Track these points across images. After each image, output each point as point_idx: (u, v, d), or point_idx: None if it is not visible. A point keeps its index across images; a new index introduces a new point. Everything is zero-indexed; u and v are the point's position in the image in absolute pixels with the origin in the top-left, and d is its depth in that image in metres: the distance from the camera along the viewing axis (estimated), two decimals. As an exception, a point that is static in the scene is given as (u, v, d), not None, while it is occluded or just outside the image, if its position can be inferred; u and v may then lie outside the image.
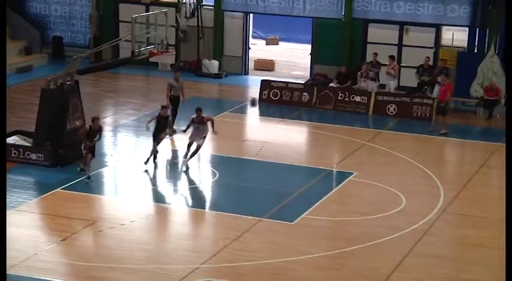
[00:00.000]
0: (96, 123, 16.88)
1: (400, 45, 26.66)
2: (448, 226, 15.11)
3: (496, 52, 24.85)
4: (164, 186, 17.13)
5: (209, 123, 17.66)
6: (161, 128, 17.75)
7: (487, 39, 25.37)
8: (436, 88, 23.30)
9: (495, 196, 16.88)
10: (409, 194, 16.34)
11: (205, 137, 17.69)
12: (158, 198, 16.36)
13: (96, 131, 16.90)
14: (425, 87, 24.49)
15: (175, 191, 16.77)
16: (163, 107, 18.18)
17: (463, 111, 24.02)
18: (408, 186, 16.91)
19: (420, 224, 14.72)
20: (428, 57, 25.00)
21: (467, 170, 18.51)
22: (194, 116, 17.55)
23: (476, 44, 25.61)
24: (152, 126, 17.80)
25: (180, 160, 18.16)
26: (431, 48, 26.30)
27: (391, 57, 25.14)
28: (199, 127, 17.55)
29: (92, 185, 16.31)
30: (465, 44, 25.95)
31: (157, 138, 17.72)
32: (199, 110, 17.70)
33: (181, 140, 18.77)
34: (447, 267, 12.98)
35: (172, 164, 18.30)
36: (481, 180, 17.91)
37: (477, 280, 12.40)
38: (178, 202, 16.30)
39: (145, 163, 17.53)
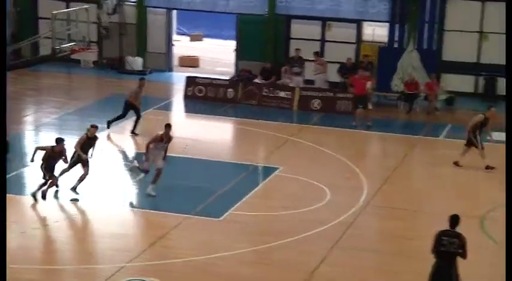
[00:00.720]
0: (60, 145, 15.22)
1: (322, 40, 26.99)
2: (372, 218, 15.40)
3: (415, 47, 25.47)
4: (88, 185, 16.86)
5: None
6: (87, 148, 15.74)
7: (406, 35, 25.94)
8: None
9: (417, 188, 17.32)
10: (333, 187, 16.57)
11: (164, 158, 15.69)
12: (83, 197, 16.10)
13: (60, 154, 15.31)
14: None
15: (100, 190, 16.53)
16: (92, 127, 16.02)
17: (384, 105, 24.49)
18: (333, 180, 17.15)
19: (345, 217, 14.95)
20: (350, 58, 25.43)
21: (390, 163, 18.90)
22: (161, 132, 15.62)
23: (396, 39, 26.14)
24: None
25: (102, 158, 17.90)
26: (353, 43, 26.73)
27: (316, 53, 25.46)
28: (163, 146, 15.58)
29: (12, 186, 15.92)
30: (386, 39, 26.46)
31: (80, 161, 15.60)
32: (169, 126, 15.65)
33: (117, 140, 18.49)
34: (372, 259, 13.23)
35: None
36: (403, 173, 18.31)
37: (400, 271, 12.68)
38: (104, 201, 16.08)
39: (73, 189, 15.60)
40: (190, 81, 24.78)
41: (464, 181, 17.49)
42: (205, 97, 24.38)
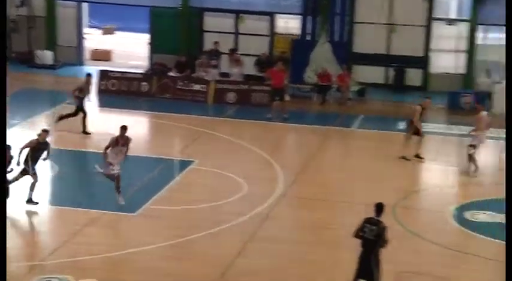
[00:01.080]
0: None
1: (236, 33, 27.04)
2: (288, 209, 15.54)
3: (328, 39, 25.83)
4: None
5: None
6: (39, 154, 14.69)
7: (318, 27, 26.27)
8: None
9: (331, 178, 17.57)
10: (250, 179, 16.63)
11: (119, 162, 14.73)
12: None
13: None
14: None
15: (11, 186, 16.03)
16: (43, 131, 14.98)
17: (298, 97, 24.74)
18: (249, 172, 17.21)
19: (261, 208, 15.03)
20: (264, 53, 25.58)
21: (305, 154, 19.12)
22: (117, 135, 14.85)
23: (309, 31, 26.44)
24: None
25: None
26: (267, 36, 26.89)
27: (232, 50, 25.52)
28: (121, 150, 14.74)
29: None
30: (298, 32, 26.73)
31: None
32: (124, 128, 14.82)
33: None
34: (289, 250, 13.35)
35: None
36: (317, 163, 18.56)
37: (316, 260, 12.84)
38: (17, 198, 15.62)
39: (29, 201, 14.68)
40: (103, 75, 24.40)
41: (377, 170, 17.86)
42: (118, 91, 24.05)
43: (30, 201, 14.69)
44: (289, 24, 26.54)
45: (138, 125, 21.71)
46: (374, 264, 10.54)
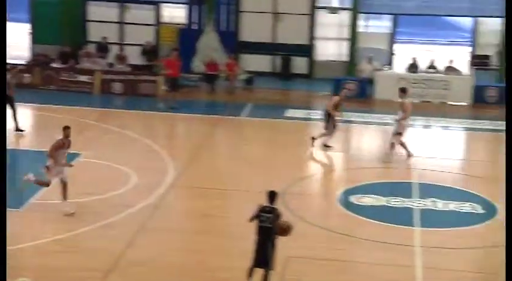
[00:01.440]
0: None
1: (121, 23, 26.66)
2: (178, 199, 15.51)
3: (214, 28, 25.89)
4: None
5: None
6: None
7: (204, 17, 26.29)
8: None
9: (222, 167, 17.66)
10: (139, 171, 16.47)
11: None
12: None
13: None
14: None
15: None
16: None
17: (187, 86, 24.68)
18: (138, 163, 17.04)
19: (151, 199, 14.92)
20: (148, 42, 25.37)
21: (194, 143, 19.12)
22: (60, 138, 13.95)
23: (195, 20, 26.42)
24: None
25: None
26: (153, 25, 26.66)
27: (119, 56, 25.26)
28: (65, 153, 13.93)
29: None
30: (185, 21, 26.66)
31: None
32: (68, 128, 13.90)
33: None
34: (179, 239, 13.31)
35: None
36: (207, 152, 18.60)
37: (206, 250, 12.87)
38: None
39: None
40: (-18, 66, 23.48)
41: (267, 157, 18.08)
42: (-1, 83, 23.21)
43: None
44: (175, 13, 26.41)
45: (21, 117, 21.08)
46: (270, 252, 10.66)
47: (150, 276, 11.56)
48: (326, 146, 18.67)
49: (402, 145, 17.75)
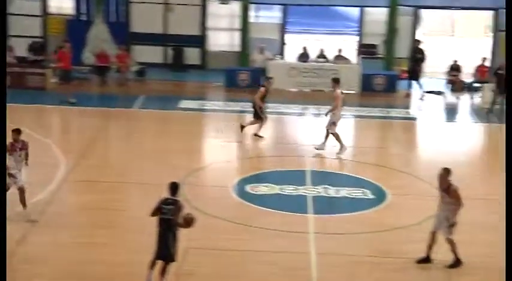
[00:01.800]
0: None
1: (5, 14, 25.79)
2: (70, 193, 15.21)
3: (104, 20, 25.48)
4: None
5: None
6: None
7: (93, 8, 25.83)
8: None
9: (115, 160, 17.43)
10: (29, 167, 16.01)
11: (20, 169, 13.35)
12: None
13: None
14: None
15: None
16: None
17: (77, 79, 24.19)
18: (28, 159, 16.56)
19: (42, 195, 14.55)
20: (36, 41, 24.76)
21: (87, 137, 18.78)
22: (11, 140, 13.36)
23: (83, 11, 25.91)
24: None
25: None
26: (39, 16, 25.96)
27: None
28: (20, 155, 13.41)
29: None
30: (73, 12, 26.10)
31: None
32: (18, 131, 13.46)
33: None
34: (75, 235, 13.02)
35: None
36: (100, 146, 18.33)
37: (102, 244, 12.69)
38: None
39: None
40: None
41: (162, 149, 17.99)
42: None
43: None
44: (63, 4, 25.80)
45: None
46: (171, 244, 10.63)
47: (45, 273, 11.31)
48: (257, 136, 18.89)
49: (336, 136, 17.89)
